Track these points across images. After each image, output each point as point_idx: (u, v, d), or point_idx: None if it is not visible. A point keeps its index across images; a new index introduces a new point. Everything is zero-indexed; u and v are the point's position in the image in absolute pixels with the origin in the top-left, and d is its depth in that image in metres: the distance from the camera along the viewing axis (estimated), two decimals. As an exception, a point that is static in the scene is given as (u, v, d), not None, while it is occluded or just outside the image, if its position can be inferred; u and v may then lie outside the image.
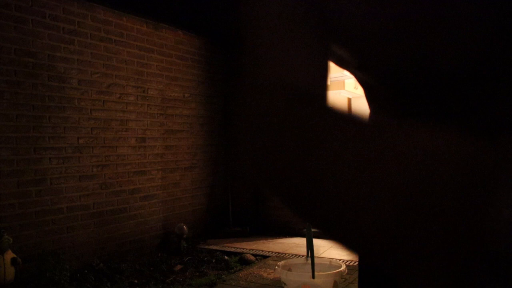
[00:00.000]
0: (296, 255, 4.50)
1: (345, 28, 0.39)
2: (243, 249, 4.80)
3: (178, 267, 4.21)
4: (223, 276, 3.94)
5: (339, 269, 3.07)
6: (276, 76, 0.37)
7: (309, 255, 3.07)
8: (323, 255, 4.35)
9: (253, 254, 4.54)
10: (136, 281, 3.82)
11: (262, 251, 4.76)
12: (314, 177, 0.31)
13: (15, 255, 3.39)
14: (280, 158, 0.33)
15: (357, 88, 6.01)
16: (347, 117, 0.33)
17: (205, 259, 4.44)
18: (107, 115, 4.39)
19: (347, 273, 3.22)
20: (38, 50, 3.79)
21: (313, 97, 0.37)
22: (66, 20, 4.01)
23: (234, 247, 4.90)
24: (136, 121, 4.71)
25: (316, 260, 3.05)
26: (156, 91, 4.95)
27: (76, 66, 4.10)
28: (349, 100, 6.72)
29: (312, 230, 3.10)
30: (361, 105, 6.39)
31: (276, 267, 3.21)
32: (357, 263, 1.30)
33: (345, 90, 5.93)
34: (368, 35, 0.39)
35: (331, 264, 3.30)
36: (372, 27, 0.38)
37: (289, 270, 3.18)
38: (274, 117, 0.35)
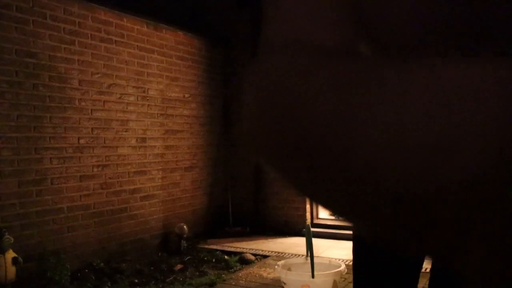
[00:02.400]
0: (296, 254, 4.52)
1: (376, 19, 0.35)
2: (243, 248, 4.82)
3: (178, 266, 4.23)
4: (223, 275, 3.95)
5: (339, 269, 3.09)
6: (294, 31, 0.32)
7: (309, 254, 3.08)
8: (322, 255, 4.36)
9: (253, 254, 4.55)
10: (136, 281, 3.83)
11: (262, 250, 4.77)
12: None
13: (16, 255, 3.40)
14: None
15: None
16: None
17: (205, 258, 4.45)
18: (108, 115, 4.41)
19: (347, 273, 3.23)
20: (39, 51, 3.80)
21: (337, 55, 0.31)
22: (66, 20, 4.02)
23: (234, 247, 4.91)
24: (137, 121, 4.72)
25: (315, 260, 3.06)
26: (156, 92, 4.96)
27: (76, 67, 4.12)
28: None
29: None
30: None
31: (276, 266, 3.22)
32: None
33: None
34: (402, 36, 0.35)
35: (331, 263, 3.31)
36: (410, 29, 0.34)
37: (289, 269, 3.19)
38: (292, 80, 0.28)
